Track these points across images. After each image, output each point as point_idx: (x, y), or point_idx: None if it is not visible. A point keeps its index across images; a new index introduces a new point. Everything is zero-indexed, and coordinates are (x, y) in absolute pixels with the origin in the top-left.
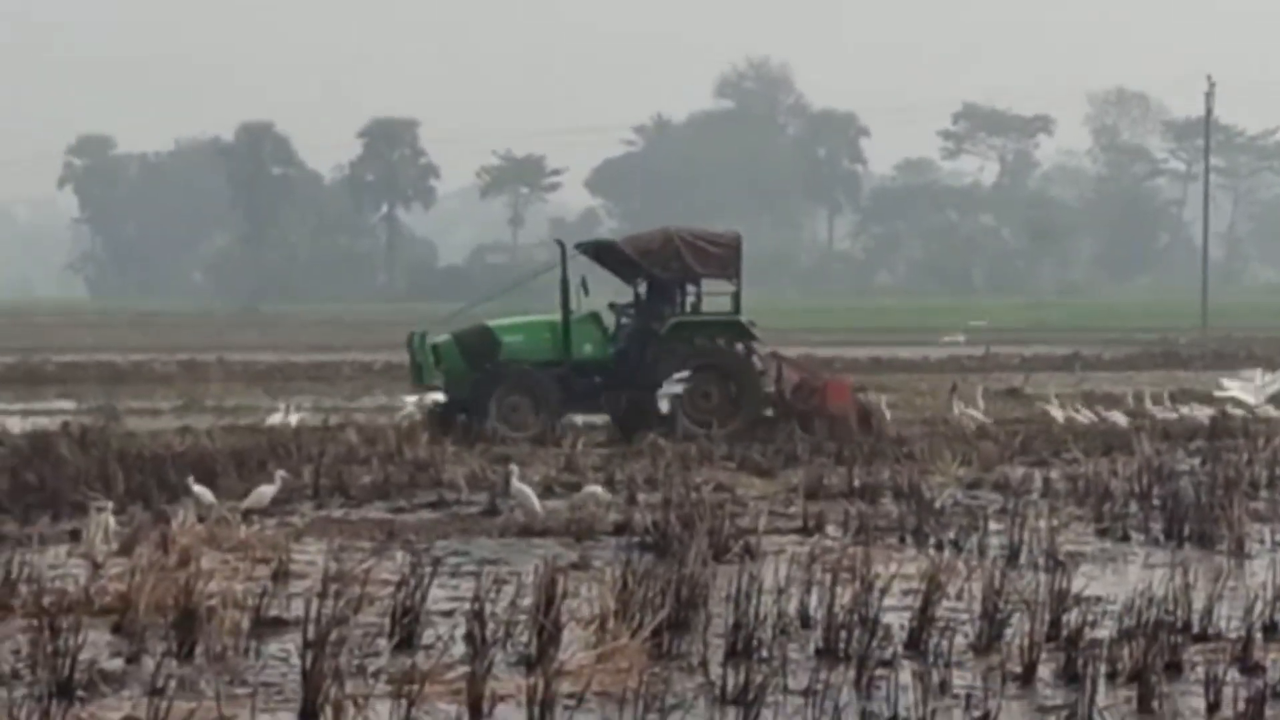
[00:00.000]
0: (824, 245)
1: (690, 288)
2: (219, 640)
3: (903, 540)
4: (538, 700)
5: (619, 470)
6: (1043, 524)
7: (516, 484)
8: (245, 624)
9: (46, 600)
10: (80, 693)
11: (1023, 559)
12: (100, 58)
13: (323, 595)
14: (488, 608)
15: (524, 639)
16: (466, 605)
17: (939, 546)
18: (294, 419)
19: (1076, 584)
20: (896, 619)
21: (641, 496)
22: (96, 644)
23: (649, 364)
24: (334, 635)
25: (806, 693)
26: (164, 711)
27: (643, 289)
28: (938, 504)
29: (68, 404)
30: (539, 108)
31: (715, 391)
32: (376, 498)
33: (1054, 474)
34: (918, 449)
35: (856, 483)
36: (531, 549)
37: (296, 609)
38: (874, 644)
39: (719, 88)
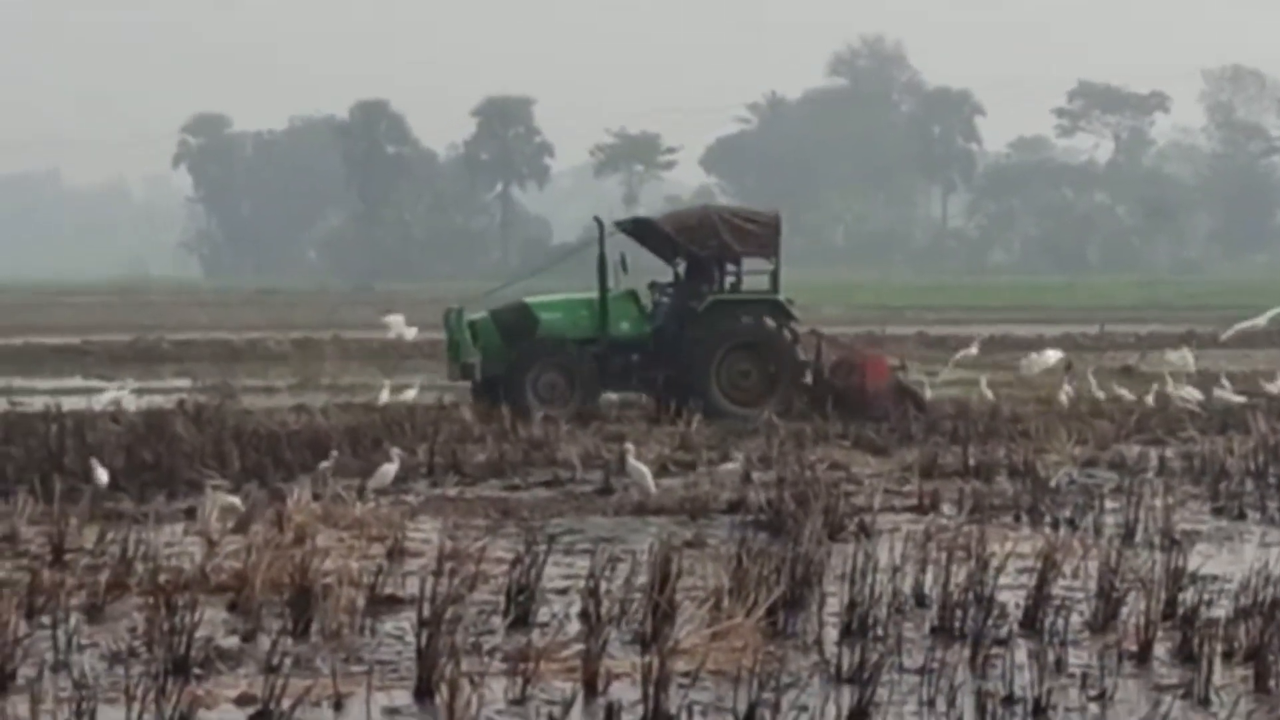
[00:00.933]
0: (938, 223)
1: (730, 266)
2: (334, 618)
3: (1018, 519)
4: (652, 678)
5: (733, 448)
6: (1158, 502)
7: (632, 462)
8: (361, 602)
9: (163, 578)
10: (196, 670)
11: (1138, 538)
12: (215, 37)
13: (438, 573)
14: (603, 586)
15: (639, 617)
16: (581, 583)
17: (1054, 525)
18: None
19: (1192, 563)
20: (1012, 597)
21: (756, 474)
22: (212, 622)
23: (687, 342)
24: (449, 613)
25: (921, 671)
26: (279, 689)
27: (681, 267)
28: (1053, 482)
29: (183, 382)
30: (654, 86)
31: (753, 370)
32: (491, 476)
33: (1169, 452)
34: (1033, 427)
35: (971, 461)
36: (646, 527)
37: (412, 587)
38: (989, 623)
39: (833, 66)
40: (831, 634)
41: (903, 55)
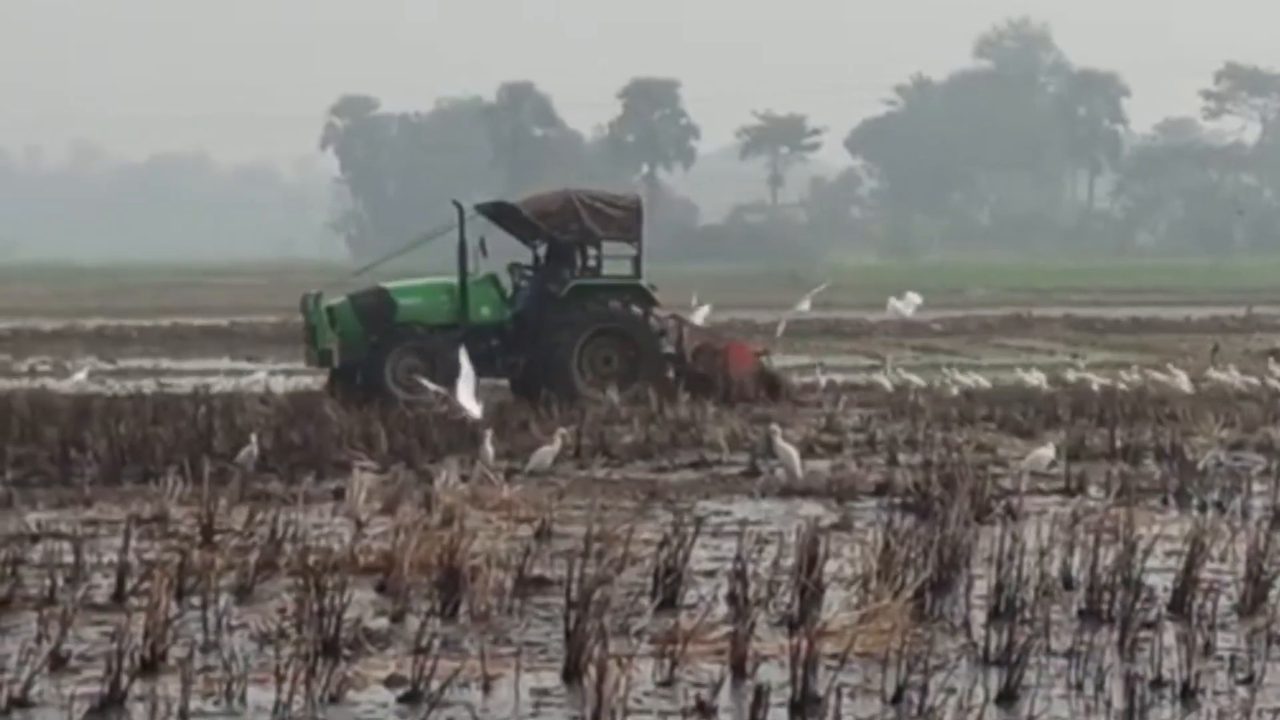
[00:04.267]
0: (1084, 205)
1: (591, 251)
2: (483, 599)
3: (1165, 501)
4: (801, 660)
5: (879, 431)
6: None
7: (780, 444)
8: (509, 583)
9: (311, 559)
10: (346, 651)
11: None
12: (363, 17)
13: (585, 555)
14: (750, 568)
15: (786, 599)
16: (728, 565)
17: (1202, 508)
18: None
19: None
20: (1160, 580)
21: (902, 457)
22: (361, 603)
23: (548, 328)
24: (597, 595)
25: (1070, 654)
26: (428, 670)
27: (542, 251)
28: (1200, 465)
29: None
30: (800, 68)
31: (615, 356)
32: (638, 457)
33: None
34: (1180, 410)
35: (1118, 444)
36: (793, 509)
37: (559, 569)
38: (1137, 605)
39: (978, 48)
40: (979, 616)
41: (1048, 36)
